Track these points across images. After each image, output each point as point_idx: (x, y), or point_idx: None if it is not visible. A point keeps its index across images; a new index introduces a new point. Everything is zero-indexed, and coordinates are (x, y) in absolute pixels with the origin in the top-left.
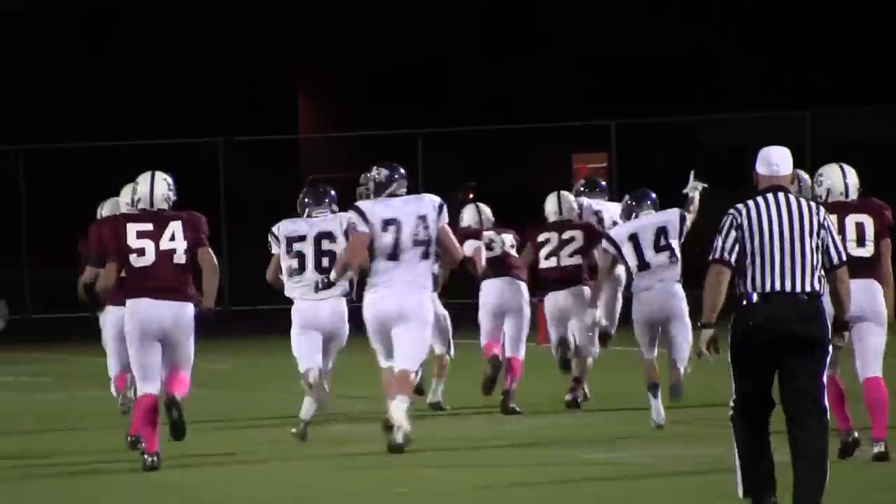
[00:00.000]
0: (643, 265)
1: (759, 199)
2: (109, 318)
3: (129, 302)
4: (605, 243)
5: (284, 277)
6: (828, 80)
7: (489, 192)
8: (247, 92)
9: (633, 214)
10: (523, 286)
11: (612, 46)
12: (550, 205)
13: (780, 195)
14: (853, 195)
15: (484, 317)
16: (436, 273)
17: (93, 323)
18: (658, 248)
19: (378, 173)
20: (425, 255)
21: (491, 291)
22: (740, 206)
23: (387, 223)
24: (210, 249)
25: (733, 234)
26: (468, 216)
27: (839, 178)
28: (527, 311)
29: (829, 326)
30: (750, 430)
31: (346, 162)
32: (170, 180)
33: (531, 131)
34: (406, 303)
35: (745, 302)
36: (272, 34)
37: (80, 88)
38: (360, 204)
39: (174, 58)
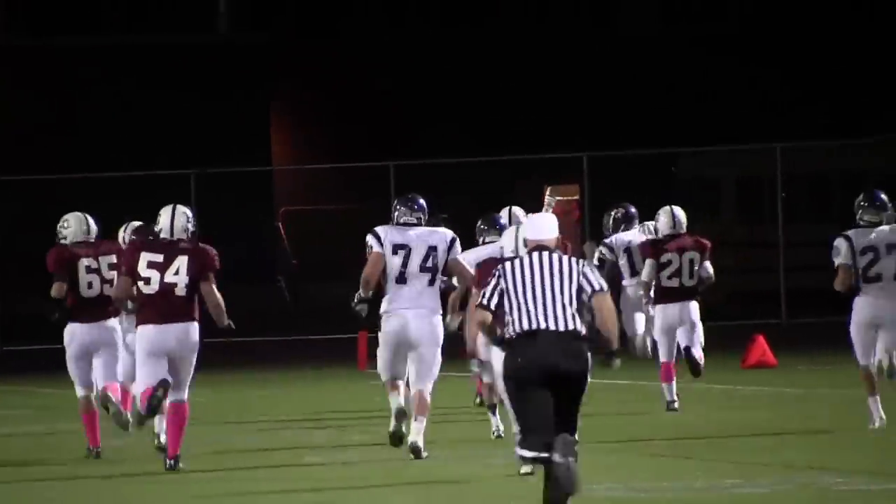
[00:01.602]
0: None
1: (524, 256)
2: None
3: (139, 328)
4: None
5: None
6: (798, 114)
7: (461, 223)
8: (219, 124)
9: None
10: None
11: (586, 79)
12: None
13: (544, 253)
14: (682, 230)
15: None
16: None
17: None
18: None
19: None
20: (431, 282)
21: None
22: (506, 262)
23: (397, 248)
24: (213, 284)
25: (498, 286)
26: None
27: (670, 217)
28: None
29: (591, 363)
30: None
31: (319, 193)
32: (189, 213)
33: (504, 163)
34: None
35: (513, 342)
36: (245, 66)
37: (51, 120)
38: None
39: (147, 91)
